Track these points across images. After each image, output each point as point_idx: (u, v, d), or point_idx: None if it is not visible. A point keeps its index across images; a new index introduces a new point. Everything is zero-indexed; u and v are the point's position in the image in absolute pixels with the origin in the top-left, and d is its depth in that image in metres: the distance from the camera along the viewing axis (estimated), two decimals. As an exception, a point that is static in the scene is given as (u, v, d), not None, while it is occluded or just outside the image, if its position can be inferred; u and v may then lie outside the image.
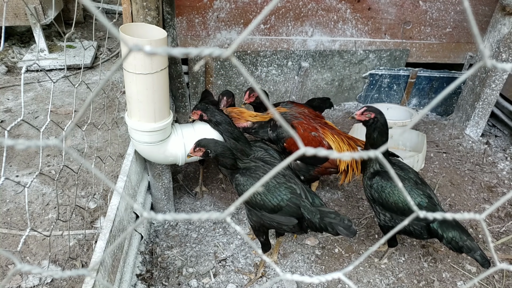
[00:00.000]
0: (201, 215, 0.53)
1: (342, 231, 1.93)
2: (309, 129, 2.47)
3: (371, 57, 3.91)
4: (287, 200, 2.04)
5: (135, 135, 2.17)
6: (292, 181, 2.14)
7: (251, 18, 3.52)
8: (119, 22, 2.09)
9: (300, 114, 2.55)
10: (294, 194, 2.07)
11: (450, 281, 2.32)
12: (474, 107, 3.63)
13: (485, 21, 3.77)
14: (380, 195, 2.15)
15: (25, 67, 1.39)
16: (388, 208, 2.15)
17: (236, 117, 2.51)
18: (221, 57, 0.43)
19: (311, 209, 2.04)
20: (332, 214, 2.00)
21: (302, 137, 2.43)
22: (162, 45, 1.93)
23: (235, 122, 2.46)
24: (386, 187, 2.13)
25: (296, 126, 2.45)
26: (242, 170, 2.14)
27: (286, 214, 2.06)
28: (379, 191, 2.15)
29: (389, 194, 2.12)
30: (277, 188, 2.06)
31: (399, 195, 2.09)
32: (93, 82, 4.24)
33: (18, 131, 3.28)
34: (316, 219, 2.00)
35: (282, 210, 2.05)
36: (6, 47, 4.61)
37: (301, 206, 2.04)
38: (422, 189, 2.14)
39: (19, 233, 2.36)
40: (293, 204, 2.05)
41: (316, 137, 2.47)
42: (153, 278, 2.23)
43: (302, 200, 2.06)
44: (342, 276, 0.58)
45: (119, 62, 0.47)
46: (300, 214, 2.05)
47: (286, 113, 2.54)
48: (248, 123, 2.52)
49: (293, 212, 2.05)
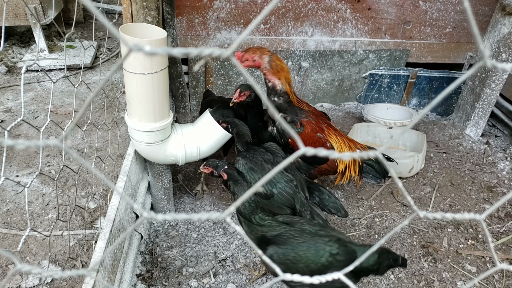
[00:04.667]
0: (201, 215, 0.53)
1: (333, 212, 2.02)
2: (316, 129, 2.48)
3: (371, 57, 3.91)
4: (280, 188, 2.04)
5: (135, 135, 2.17)
6: (290, 172, 2.14)
7: (251, 18, 3.52)
8: (119, 22, 2.09)
9: (312, 113, 2.55)
10: (289, 183, 2.06)
11: (450, 281, 2.32)
12: (474, 107, 3.63)
13: (485, 21, 3.77)
14: (287, 265, 1.69)
15: (25, 67, 1.39)
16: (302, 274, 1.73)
17: (274, 69, 2.25)
18: (221, 57, 0.43)
19: (304, 202, 2.04)
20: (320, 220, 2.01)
21: (307, 136, 2.44)
22: (162, 45, 1.93)
23: (270, 73, 2.24)
24: (288, 252, 1.69)
25: (304, 125, 2.45)
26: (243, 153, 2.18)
27: (278, 202, 2.05)
28: (283, 261, 1.69)
29: (295, 259, 1.67)
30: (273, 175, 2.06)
31: (307, 254, 1.66)
32: (93, 82, 4.24)
33: (18, 131, 3.28)
34: (307, 214, 2.02)
35: (274, 197, 2.05)
36: (6, 47, 4.61)
37: (295, 197, 2.04)
38: (325, 235, 1.73)
39: (19, 233, 2.36)
40: (286, 193, 2.04)
41: (320, 138, 2.48)
42: (153, 278, 2.23)
43: (297, 192, 2.05)
44: (342, 276, 0.58)
45: (119, 62, 0.47)
46: (292, 205, 2.05)
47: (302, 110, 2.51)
48: (280, 85, 2.28)
49: (285, 202, 2.04)
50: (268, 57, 2.23)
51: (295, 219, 1.83)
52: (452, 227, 2.71)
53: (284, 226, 1.78)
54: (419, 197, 2.99)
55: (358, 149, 2.63)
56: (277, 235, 1.74)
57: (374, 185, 3.06)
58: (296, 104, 2.45)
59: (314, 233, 1.72)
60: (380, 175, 2.69)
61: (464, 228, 2.70)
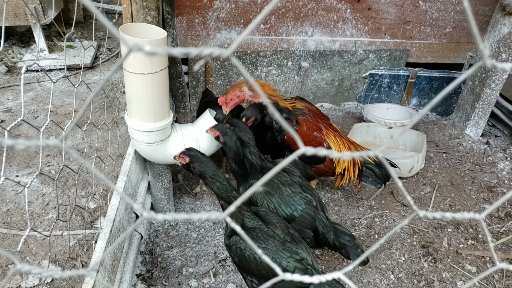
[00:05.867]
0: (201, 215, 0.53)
1: (354, 257, 1.89)
2: (313, 128, 2.47)
3: (371, 57, 3.91)
4: (301, 211, 1.96)
5: (135, 135, 2.17)
6: (309, 192, 2.06)
7: (251, 18, 3.52)
8: (119, 22, 2.09)
9: (310, 111, 2.55)
10: (309, 205, 1.98)
11: (450, 281, 2.32)
12: (474, 107, 3.63)
13: (485, 21, 3.77)
14: (241, 260, 1.72)
15: (25, 67, 1.39)
16: (252, 274, 1.73)
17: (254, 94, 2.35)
18: (221, 57, 0.43)
19: (326, 223, 1.96)
20: (347, 236, 1.94)
21: (304, 134, 2.44)
22: (162, 45, 1.93)
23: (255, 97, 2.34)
24: (246, 250, 1.69)
25: (300, 123, 2.45)
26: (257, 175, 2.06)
27: (300, 225, 1.97)
28: (238, 255, 1.72)
29: (249, 258, 1.69)
30: (292, 198, 1.97)
31: (261, 260, 1.65)
32: (93, 82, 4.24)
33: (18, 131, 3.28)
34: (330, 235, 1.93)
35: (296, 220, 1.96)
36: (6, 47, 4.61)
37: (316, 219, 1.96)
38: (290, 250, 1.71)
39: (19, 233, 2.36)
40: (308, 215, 1.96)
41: (317, 137, 2.47)
42: (153, 278, 2.23)
43: (318, 213, 1.98)
44: (342, 276, 0.58)
45: (119, 62, 0.47)
46: (315, 227, 1.96)
47: (297, 108, 2.53)
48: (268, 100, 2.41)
49: (307, 224, 1.96)
50: (246, 87, 2.33)
51: (272, 219, 1.80)
52: (452, 227, 2.71)
53: (261, 222, 1.78)
54: (419, 197, 2.99)
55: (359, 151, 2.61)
56: (250, 228, 1.74)
57: (374, 185, 3.06)
58: (291, 109, 2.47)
59: (282, 243, 1.71)
60: (381, 180, 2.64)
61: (464, 228, 2.70)
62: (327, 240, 1.96)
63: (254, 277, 1.72)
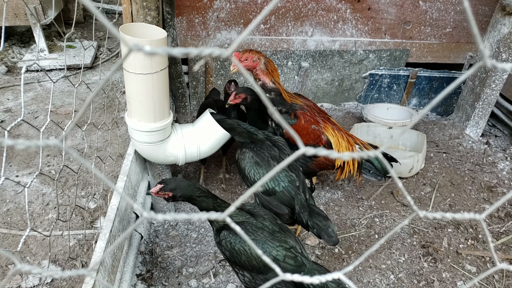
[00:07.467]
0: (201, 215, 0.53)
1: (324, 236, 1.96)
2: (311, 121, 2.51)
3: (371, 57, 3.91)
4: (283, 187, 2.07)
5: (135, 135, 2.17)
6: (295, 172, 2.15)
7: (251, 18, 3.52)
8: (119, 22, 2.09)
9: (307, 106, 2.58)
10: (292, 184, 2.08)
11: (450, 281, 2.32)
12: (474, 107, 3.63)
13: (485, 21, 3.77)
14: (232, 253, 1.75)
15: (25, 67, 1.39)
16: (243, 267, 1.76)
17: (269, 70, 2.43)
18: (221, 57, 0.43)
19: (303, 204, 2.06)
20: (320, 217, 2.02)
21: (302, 127, 2.47)
22: (162, 45, 1.93)
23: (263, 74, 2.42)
24: (236, 243, 1.72)
25: (298, 116, 2.47)
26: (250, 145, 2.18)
27: (279, 200, 2.08)
28: (229, 249, 1.75)
29: (239, 250, 1.72)
30: (277, 173, 2.07)
31: (251, 251, 1.69)
32: (93, 82, 4.24)
33: (18, 131, 3.28)
34: (304, 216, 2.03)
35: (276, 195, 2.07)
36: (6, 47, 4.61)
37: (295, 198, 2.06)
38: (279, 239, 1.74)
39: (19, 233, 2.36)
40: (288, 193, 2.06)
41: (315, 130, 2.50)
42: (153, 278, 2.23)
43: (298, 193, 2.08)
44: (342, 276, 0.58)
45: (119, 62, 0.47)
46: (292, 205, 2.07)
47: (296, 104, 2.55)
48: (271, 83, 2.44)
49: (285, 201, 2.07)
50: (264, 59, 2.41)
51: (260, 212, 1.84)
52: (452, 227, 2.71)
53: (248, 216, 1.80)
54: (419, 197, 2.99)
55: (357, 144, 2.63)
56: (238, 223, 1.76)
57: (374, 185, 3.06)
58: (289, 101, 2.51)
59: (271, 233, 1.75)
60: (380, 173, 2.68)
61: (464, 228, 2.70)
62: (301, 219, 2.06)
63: (245, 270, 1.76)
